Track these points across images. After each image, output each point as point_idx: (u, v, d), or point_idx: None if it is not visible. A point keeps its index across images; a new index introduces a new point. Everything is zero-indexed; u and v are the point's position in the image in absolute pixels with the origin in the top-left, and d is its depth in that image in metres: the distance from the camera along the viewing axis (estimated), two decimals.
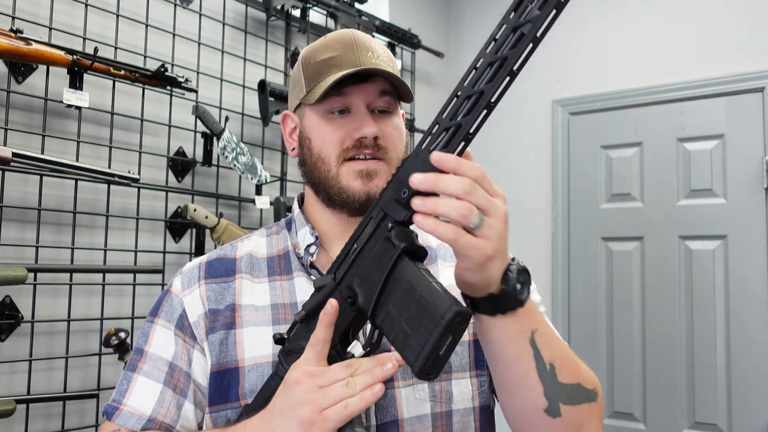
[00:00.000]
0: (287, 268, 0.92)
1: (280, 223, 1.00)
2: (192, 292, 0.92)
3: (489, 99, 0.64)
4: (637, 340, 2.54)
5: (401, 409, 0.84)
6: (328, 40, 0.91)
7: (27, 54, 1.48)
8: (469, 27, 3.14)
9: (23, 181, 1.57)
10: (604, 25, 2.73)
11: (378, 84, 0.88)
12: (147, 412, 0.87)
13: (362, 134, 0.86)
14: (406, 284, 0.67)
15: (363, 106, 0.88)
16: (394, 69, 0.90)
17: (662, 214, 2.52)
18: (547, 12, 0.64)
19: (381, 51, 0.90)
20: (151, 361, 0.89)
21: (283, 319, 0.88)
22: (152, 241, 1.85)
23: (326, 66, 0.88)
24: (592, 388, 0.79)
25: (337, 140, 0.87)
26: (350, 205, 0.88)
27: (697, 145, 2.47)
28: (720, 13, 2.46)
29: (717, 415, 2.33)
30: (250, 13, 2.16)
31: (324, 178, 0.89)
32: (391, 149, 0.89)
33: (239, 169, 1.96)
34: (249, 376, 0.85)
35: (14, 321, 1.52)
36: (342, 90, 0.87)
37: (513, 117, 2.91)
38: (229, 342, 0.87)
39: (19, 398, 1.47)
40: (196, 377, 0.89)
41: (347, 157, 0.87)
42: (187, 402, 0.88)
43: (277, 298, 0.90)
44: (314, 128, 0.90)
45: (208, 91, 1.99)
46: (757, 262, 2.31)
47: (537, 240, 2.82)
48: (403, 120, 0.99)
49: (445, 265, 0.95)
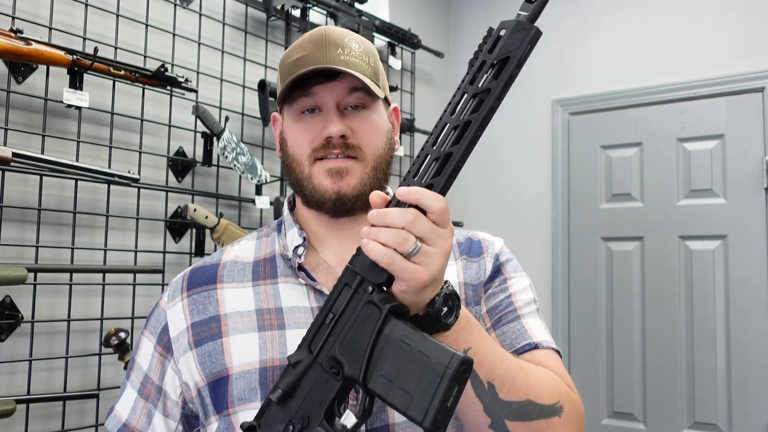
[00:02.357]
0: (272, 272, 0.92)
1: (271, 225, 0.99)
2: (175, 305, 0.92)
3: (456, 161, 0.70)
4: (637, 340, 2.54)
5: (392, 413, 0.82)
6: (303, 39, 0.91)
7: (27, 54, 1.47)
8: (469, 27, 3.14)
9: (23, 181, 1.57)
10: (605, 25, 2.73)
11: (347, 81, 0.87)
12: (124, 417, 0.93)
13: (328, 133, 0.85)
14: (398, 343, 0.65)
15: (332, 105, 0.87)
16: (370, 63, 0.89)
17: (662, 214, 2.52)
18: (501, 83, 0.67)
19: (355, 46, 0.89)
20: (135, 369, 0.94)
21: (268, 324, 0.87)
22: (152, 241, 1.85)
23: (296, 66, 0.87)
24: (550, 403, 0.78)
25: (307, 141, 0.87)
26: (323, 205, 0.88)
27: (697, 145, 2.47)
28: (720, 13, 2.46)
29: (717, 415, 2.33)
30: (250, 13, 2.16)
31: (299, 179, 0.89)
32: (364, 146, 0.88)
33: (239, 169, 1.96)
34: (237, 384, 0.85)
35: (14, 321, 1.52)
36: (310, 90, 0.87)
37: (513, 117, 2.91)
38: (216, 352, 0.87)
39: (19, 398, 1.47)
40: (168, 390, 0.91)
41: (318, 156, 0.87)
42: (157, 412, 0.92)
43: (261, 303, 0.89)
44: (289, 129, 0.91)
45: (208, 91, 1.99)
46: (757, 262, 2.31)
47: (537, 240, 2.82)
48: (395, 114, 0.97)
49: None
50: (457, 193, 3.07)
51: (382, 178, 0.90)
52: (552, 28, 2.87)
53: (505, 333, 0.90)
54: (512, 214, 2.88)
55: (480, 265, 0.95)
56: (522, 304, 0.93)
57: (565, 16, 2.84)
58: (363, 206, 0.87)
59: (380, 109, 0.92)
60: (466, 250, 0.97)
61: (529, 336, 0.90)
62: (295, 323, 0.86)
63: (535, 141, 2.87)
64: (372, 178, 0.88)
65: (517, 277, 0.97)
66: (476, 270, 0.94)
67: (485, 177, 3.00)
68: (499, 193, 2.96)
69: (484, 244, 0.98)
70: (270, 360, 0.85)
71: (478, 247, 0.97)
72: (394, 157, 0.94)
